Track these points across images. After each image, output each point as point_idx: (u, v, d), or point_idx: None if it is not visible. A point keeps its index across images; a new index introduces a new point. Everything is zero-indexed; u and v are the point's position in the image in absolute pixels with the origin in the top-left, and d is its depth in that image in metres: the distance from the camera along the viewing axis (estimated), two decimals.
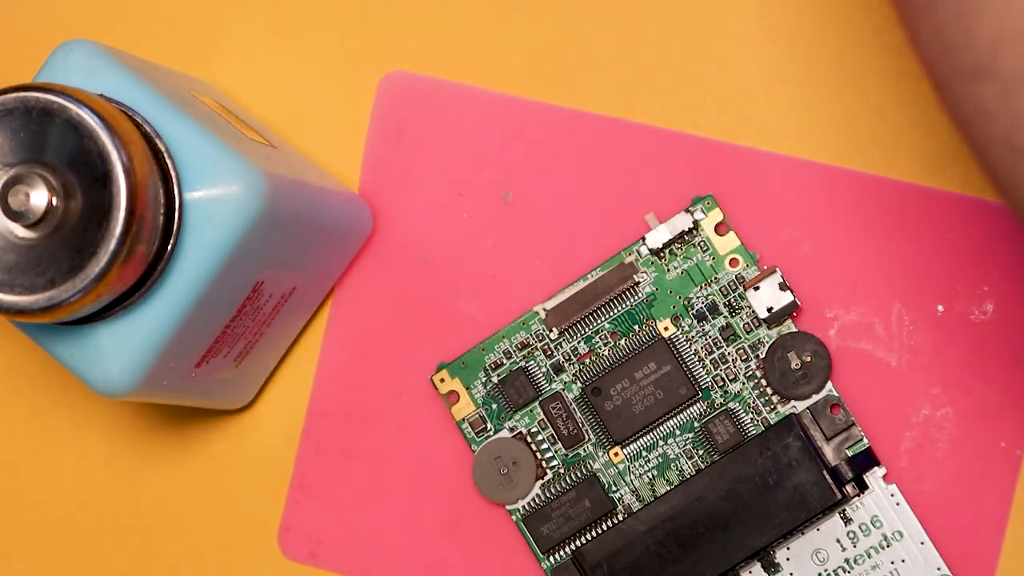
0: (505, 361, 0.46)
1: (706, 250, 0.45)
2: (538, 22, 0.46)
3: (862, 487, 0.44)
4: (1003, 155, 0.33)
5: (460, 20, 0.46)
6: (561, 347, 0.45)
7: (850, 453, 0.44)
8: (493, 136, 0.46)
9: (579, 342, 0.45)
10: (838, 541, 0.44)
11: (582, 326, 0.45)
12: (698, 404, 0.45)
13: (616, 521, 0.45)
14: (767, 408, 0.45)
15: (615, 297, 0.45)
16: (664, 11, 0.46)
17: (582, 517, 0.45)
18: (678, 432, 0.45)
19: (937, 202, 0.45)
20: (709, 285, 0.45)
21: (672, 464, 0.45)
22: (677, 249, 0.45)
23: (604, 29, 0.46)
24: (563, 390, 0.45)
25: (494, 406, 0.46)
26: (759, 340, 0.45)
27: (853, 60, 0.45)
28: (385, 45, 0.46)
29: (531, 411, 0.45)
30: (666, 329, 0.45)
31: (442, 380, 0.46)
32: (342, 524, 0.46)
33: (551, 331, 0.45)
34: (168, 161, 0.39)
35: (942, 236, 0.45)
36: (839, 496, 0.44)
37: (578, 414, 0.45)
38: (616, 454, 0.45)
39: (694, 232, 0.45)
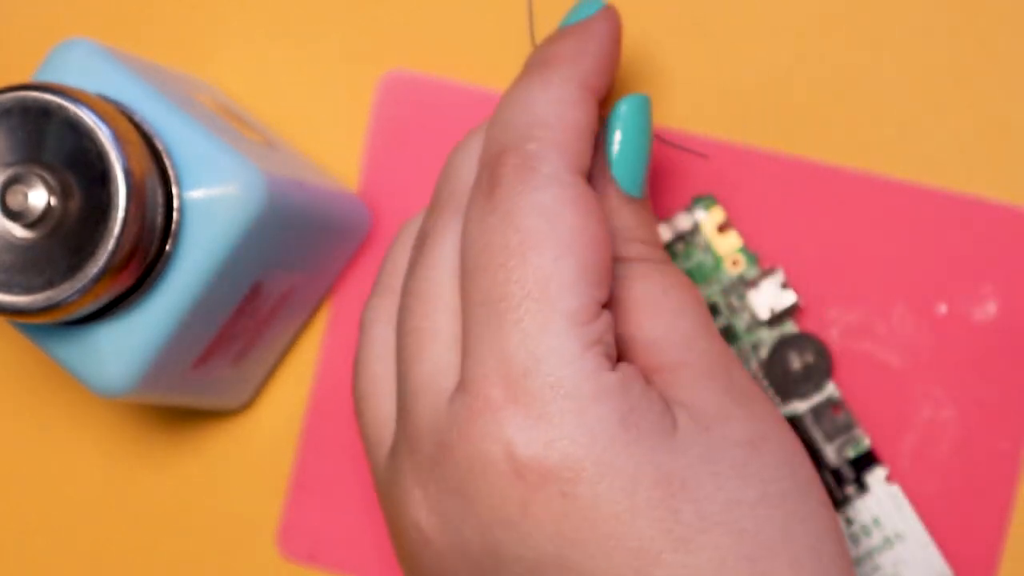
0: None
1: (707, 250, 0.45)
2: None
3: (863, 488, 0.44)
4: None
5: (460, 19, 0.46)
6: None
7: (851, 454, 0.44)
8: None
9: None
10: None
11: None
12: None
13: None
14: None
15: None
16: (663, 8, 0.45)
17: None
18: None
19: (939, 202, 0.44)
20: (710, 285, 0.45)
21: None
22: (678, 249, 0.45)
23: None
24: None
25: None
26: (760, 340, 0.45)
27: (853, 59, 0.45)
28: (384, 43, 0.46)
29: None
30: None
31: None
32: (342, 524, 0.46)
33: None
34: (167, 161, 0.39)
35: (944, 236, 0.44)
36: (840, 497, 0.44)
37: None
38: None
39: (695, 232, 0.45)
